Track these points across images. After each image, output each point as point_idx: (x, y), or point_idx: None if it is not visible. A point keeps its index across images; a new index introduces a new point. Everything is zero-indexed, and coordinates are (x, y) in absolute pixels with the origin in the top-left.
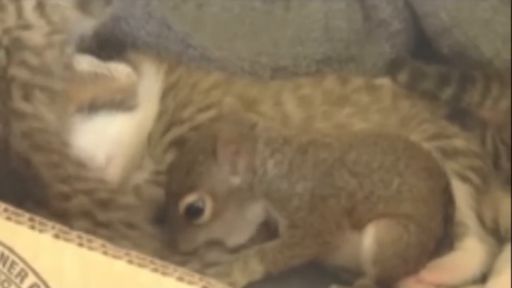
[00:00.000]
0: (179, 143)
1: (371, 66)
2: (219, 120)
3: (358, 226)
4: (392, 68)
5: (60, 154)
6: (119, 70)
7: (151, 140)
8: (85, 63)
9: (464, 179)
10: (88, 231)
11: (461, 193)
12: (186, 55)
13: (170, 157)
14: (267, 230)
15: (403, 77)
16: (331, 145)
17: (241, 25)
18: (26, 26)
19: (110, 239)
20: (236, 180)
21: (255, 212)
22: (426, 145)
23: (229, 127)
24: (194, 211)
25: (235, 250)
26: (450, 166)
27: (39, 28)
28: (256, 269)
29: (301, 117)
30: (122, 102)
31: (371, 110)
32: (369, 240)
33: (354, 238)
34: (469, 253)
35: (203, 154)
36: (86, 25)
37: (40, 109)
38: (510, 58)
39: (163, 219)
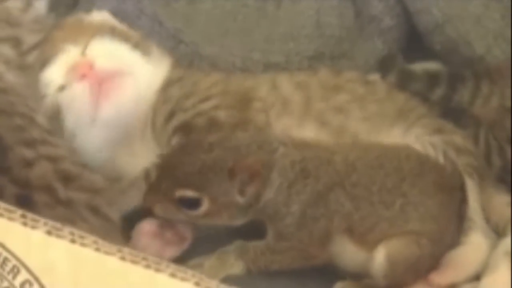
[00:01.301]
0: (184, 129)
1: (363, 62)
2: (247, 129)
3: (363, 243)
4: (380, 70)
5: (24, 117)
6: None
7: (155, 126)
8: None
9: (469, 174)
10: (48, 206)
11: (469, 188)
12: (178, 51)
13: (176, 141)
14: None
15: (391, 78)
16: (335, 164)
17: (233, 22)
18: None
19: (69, 219)
20: (240, 200)
21: (240, 222)
22: (431, 139)
23: (253, 152)
24: (187, 204)
25: None
26: None
27: None
28: (234, 264)
29: (299, 99)
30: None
31: (367, 100)
32: (380, 259)
33: (360, 254)
34: (475, 248)
35: (221, 166)
36: None
37: None
38: (501, 54)
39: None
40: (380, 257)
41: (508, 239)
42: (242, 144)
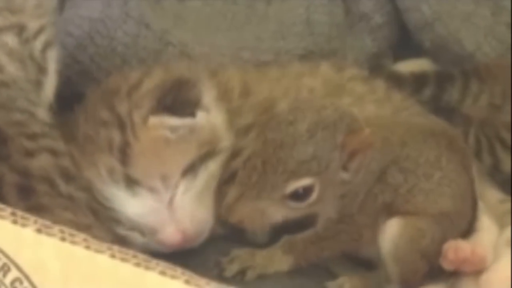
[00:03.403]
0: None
1: (353, 60)
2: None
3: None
4: (370, 72)
5: (24, 112)
6: (197, 120)
7: None
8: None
9: None
10: (50, 195)
11: None
12: (166, 53)
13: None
14: None
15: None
16: (391, 141)
17: (223, 20)
18: None
19: (71, 210)
20: (345, 176)
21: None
22: None
23: (358, 124)
24: (299, 196)
25: None
26: None
27: None
28: (282, 259)
29: None
30: (213, 150)
31: (366, 100)
32: (386, 237)
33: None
34: (488, 233)
35: (331, 143)
36: None
37: (1, 59)
38: (491, 51)
39: None
40: (386, 235)
41: (508, 229)
42: (334, 119)
